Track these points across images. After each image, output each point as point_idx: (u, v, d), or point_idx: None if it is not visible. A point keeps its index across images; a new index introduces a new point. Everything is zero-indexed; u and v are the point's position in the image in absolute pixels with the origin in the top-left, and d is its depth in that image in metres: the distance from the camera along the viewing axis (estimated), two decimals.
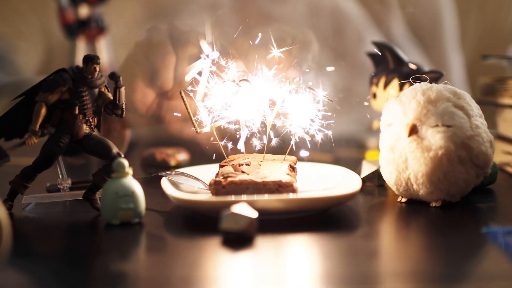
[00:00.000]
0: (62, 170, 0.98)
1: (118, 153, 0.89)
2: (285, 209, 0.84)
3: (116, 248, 0.79)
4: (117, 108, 0.90)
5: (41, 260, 0.75)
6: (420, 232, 0.86)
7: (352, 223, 0.88)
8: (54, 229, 0.87)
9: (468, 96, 0.93)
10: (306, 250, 0.78)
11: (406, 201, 0.94)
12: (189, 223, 0.88)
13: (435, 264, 0.71)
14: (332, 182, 0.95)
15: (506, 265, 0.70)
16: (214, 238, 0.79)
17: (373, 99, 1.14)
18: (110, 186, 0.84)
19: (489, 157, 0.91)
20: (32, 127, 0.86)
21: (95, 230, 0.87)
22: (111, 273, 0.70)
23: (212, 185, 0.88)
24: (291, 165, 0.94)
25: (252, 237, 0.78)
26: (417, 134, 0.89)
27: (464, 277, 0.68)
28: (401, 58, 1.10)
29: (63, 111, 0.88)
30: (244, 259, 0.74)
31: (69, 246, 0.81)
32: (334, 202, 0.87)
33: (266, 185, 0.87)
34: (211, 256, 0.76)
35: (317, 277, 0.69)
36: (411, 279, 0.67)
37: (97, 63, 0.88)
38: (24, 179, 0.90)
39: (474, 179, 0.91)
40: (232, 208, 0.78)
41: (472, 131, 0.90)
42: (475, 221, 0.88)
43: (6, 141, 0.92)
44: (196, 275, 0.70)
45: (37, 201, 0.95)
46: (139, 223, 0.85)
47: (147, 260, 0.75)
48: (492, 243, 0.76)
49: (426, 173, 0.89)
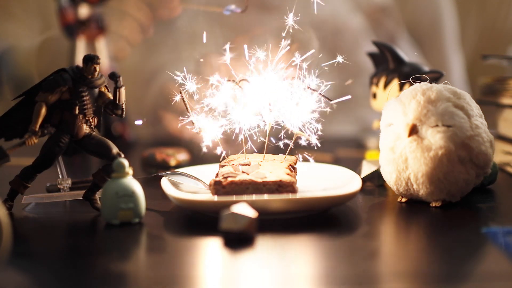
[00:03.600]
0: (62, 170, 0.98)
1: (118, 153, 0.89)
2: (285, 209, 0.84)
3: (116, 248, 0.79)
4: (117, 108, 0.90)
5: (41, 260, 0.75)
6: (420, 232, 0.86)
7: (352, 223, 0.88)
8: (54, 229, 0.87)
9: (468, 96, 0.93)
10: (306, 250, 0.78)
11: (406, 201, 0.94)
12: (189, 223, 0.88)
13: (435, 264, 0.71)
14: (332, 182, 0.95)
15: (506, 265, 0.70)
16: (214, 238, 0.79)
17: (373, 99, 1.14)
18: (110, 186, 0.84)
19: (489, 157, 0.91)
20: (32, 127, 0.86)
21: (95, 230, 0.87)
22: (111, 273, 0.70)
23: (212, 185, 0.88)
24: (291, 165, 0.94)
25: (252, 237, 0.78)
26: (417, 134, 0.90)
27: (464, 277, 0.68)
28: (401, 58, 1.10)
29: (63, 111, 0.88)
30: (244, 259, 0.74)
31: (69, 246, 0.81)
32: (334, 202, 0.87)
33: (266, 185, 0.87)
34: (211, 256, 0.76)
35: (317, 277, 0.69)
36: (411, 279, 0.67)
37: (97, 63, 0.88)
38: (24, 179, 0.90)
39: (474, 179, 0.91)
40: (232, 208, 0.78)
41: (472, 131, 0.90)
42: (475, 221, 0.88)
43: (6, 141, 0.92)
44: (196, 275, 0.70)
45: (37, 201, 0.95)
46: (139, 223, 0.85)
47: (147, 260, 0.75)
48: (492, 243, 0.76)
49: (426, 173, 0.89)
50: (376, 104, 1.14)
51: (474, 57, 1.91)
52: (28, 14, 1.78)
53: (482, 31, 2.00)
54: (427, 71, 1.07)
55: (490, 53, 1.39)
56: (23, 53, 1.70)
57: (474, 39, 2.01)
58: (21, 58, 1.70)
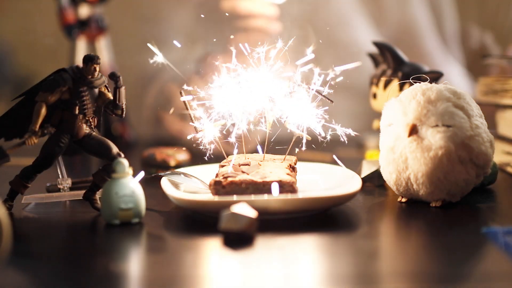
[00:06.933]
0: (62, 170, 0.98)
1: (118, 153, 0.89)
2: (285, 209, 0.84)
3: (116, 248, 0.79)
4: (117, 108, 0.90)
5: (41, 260, 0.75)
6: (420, 232, 0.86)
7: (352, 223, 0.88)
8: (54, 229, 0.87)
9: (468, 96, 0.93)
10: (306, 250, 0.78)
11: (406, 201, 0.94)
12: (189, 223, 0.88)
13: (435, 264, 0.71)
14: (332, 182, 0.95)
15: (506, 265, 0.70)
16: (214, 238, 0.79)
17: (373, 99, 1.14)
18: (110, 186, 0.84)
19: (489, 157, 0.91)
20: (32, 127, 0.86)
21: (95, 230, 0.87)
22: (111, 273, 0.70)
23: (212, 185, 0.88)
24: (291, 165, 0.94)
25: (252, 237, 0.78)
26: (417, 134, 0.90)
27: (464, 277, 0.68)
28: (401, 58, 1.10)
29: (63, 111, 0.88)
30: (244, 259, 0.74)
31: (69, 246, 0.81)
32: (334, 202, 0.87)
33: (266, 185, 0.87)
34: (211, 256, 0.76)
35: (317, 277, 0.69)
36: (411, 279, 0.67)
37: (97, 63, 0.88)
38: (24, 179, 0.90)
39: (474, 179, 0.91)
40: (232, 208, 0.78)
41: (472, 131, 0.90)
42: (475, 221, 0.88)
43: (6, 141, 0.92)
44: (196, 275, 0.70)
45: (37, 201, 0.95)
46: (139, 223, 0.85)
47: (147, 260, 0.75)
48: (492, 243, 0.76)
49: (426, 173, 0.89)
50: (376, 104, 1.14)
51: (474, 57, 1.91)
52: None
53: (482, 31, 2.00)
54: (427, 71, 1.07)
55: (490, 53, 1.39)
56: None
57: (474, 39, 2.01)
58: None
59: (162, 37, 1.74)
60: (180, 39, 1.69)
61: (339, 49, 1.59)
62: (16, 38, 1.89)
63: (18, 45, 1.87)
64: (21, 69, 2.01)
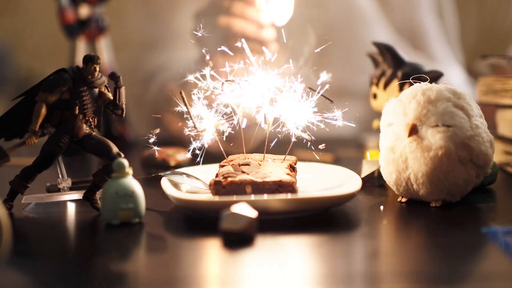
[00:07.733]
0: (62, 170, 0.98)
1: (118, 153, 0.89)
2: (285, 209, 0.84)
3: (116, 248, 0.79)
4: (117, 108, 0.90)
5: (41, 260, 0.75)
6: (420, 232, 0.86)
7: (352, 223, 0.88)
8: (54, 229, 0.87)
9: (468, 96, 0.93)
10: (306, 250, 0.78)
11: (406, 201, 0.94)
12: (189, 223, 0.88)
13: (435, 264, 0.71)
14: (332, 182, 0.95)
15: (506, 265, 0.70)
16: (214, 238, 0.79)
17: (373, 99, 1.14)
18: (110, 186, 0.84)
19: (489, 157, 0.91)
20: (32, 127, 0.86)
21: (95, 230, 0.87)
22: (111, 273, 0.70)
23: (212, 185, 0.88)
24: (291, 165, 0.94)
25: (252, 237, 0.78)
26: (417, 134, 0.89)
27: (464, 277, 0.68)
28: (401, 58, 1.10)
29: (63, 111, 0.88)
30: (244, 259, 0.74)
31: (69, 246, 0.81)
32: (334, 202, 0.87)
33: (266, 185, 0.87)
34: (211, 256, 0.76)
35: (317, 277, 0.69)
36: (411, 279, 0.67)
37: (97, 63, 0.88)
38: (24, 179, 0.90)
39: (474, 179, 0.91)
40: (232, 208, 0.78)
41: (472, 131, 0.90)
42: (475, 221, 0.88)
43: (6, 141, 0.92)
44: (196, 275, 0.70)
45: (37, 201, 0.95)
46: (139, 223, 0.85)
47: (147, 260, 0.75)
48: (492, 243, 0.76)
49: (426, 173, 0.89)
50: (376, 104, 1.14)
51: (474, 57, 1.91)
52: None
53: (481, 31, 2.00)
54: (427, 71, 1.07)
55: (490, 53, 1.39)
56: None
57: (474, 39, 2.01)
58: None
59: (162, 37, 1.74)
60: (180, 39, 1.69)
61: (342, 51, 1.59)
62: (16, 38, 1.89)
63: (18, 45, 1.88)
64: (21, 69, 2.02)
